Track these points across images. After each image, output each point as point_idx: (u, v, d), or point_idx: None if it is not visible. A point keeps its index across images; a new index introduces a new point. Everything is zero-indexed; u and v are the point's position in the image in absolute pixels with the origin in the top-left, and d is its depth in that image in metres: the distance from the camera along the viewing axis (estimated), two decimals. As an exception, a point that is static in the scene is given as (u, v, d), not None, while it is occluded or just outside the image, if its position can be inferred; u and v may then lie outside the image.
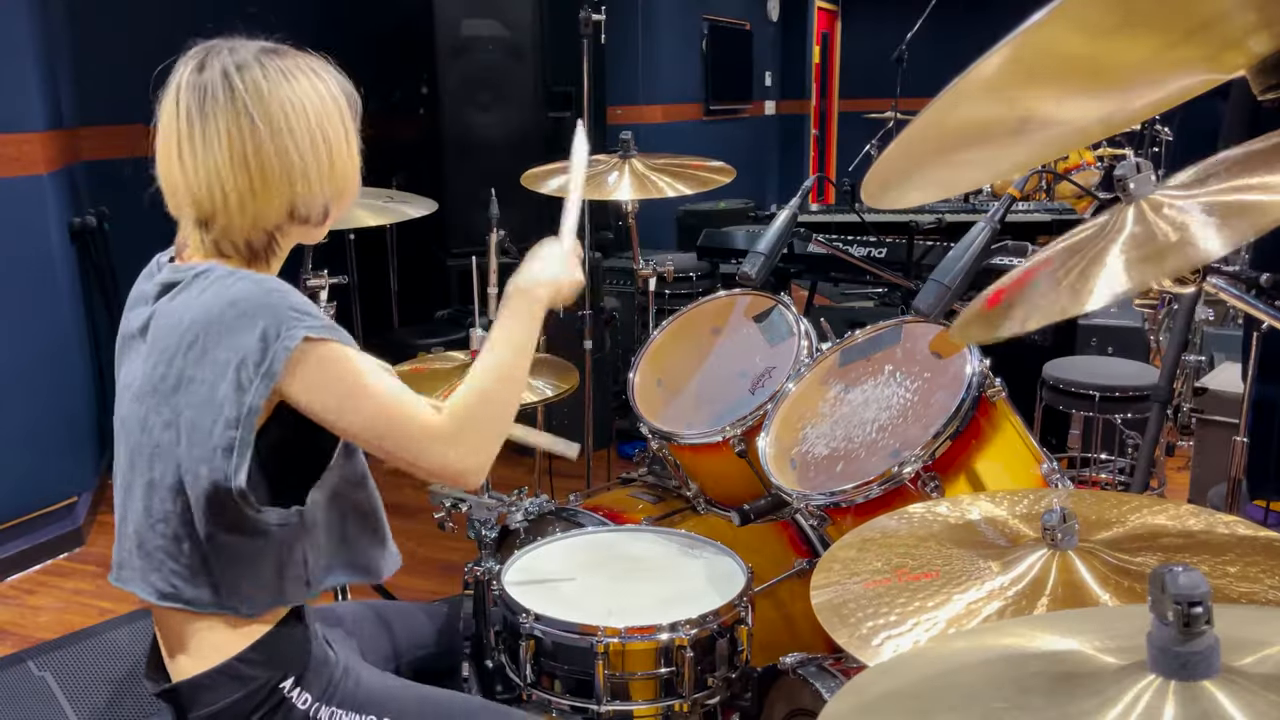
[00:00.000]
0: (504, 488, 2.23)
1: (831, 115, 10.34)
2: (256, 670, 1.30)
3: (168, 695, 1.34)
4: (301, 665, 1.33)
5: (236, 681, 1.29)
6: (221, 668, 1.29)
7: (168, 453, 1.25)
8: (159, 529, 1.27)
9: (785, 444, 1.84)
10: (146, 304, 1.31)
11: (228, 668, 1.29)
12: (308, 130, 1.26)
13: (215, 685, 1.29)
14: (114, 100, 3.93)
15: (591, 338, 3.08)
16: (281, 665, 1.31)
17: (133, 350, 1.32)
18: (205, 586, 1.28)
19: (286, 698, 1.31)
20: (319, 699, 1.33)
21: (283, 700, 1.31)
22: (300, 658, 1.33)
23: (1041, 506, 1.24)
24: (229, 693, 1.29)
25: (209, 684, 1.29)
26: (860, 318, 4.13)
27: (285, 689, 1.31)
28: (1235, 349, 3.44)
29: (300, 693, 1.32)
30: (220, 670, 1.29)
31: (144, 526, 1.28)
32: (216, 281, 1.24)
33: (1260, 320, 1.15)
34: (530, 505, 2.13)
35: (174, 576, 1.28)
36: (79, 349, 3.56)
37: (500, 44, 4.57)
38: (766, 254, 2.13)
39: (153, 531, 1.28)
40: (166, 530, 1.27)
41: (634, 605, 1.66)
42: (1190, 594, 0.61)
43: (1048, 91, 0.95)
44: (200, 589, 1.28)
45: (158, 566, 1.28)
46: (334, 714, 1.34)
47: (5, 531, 3.27)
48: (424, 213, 2.59)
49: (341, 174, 1.30)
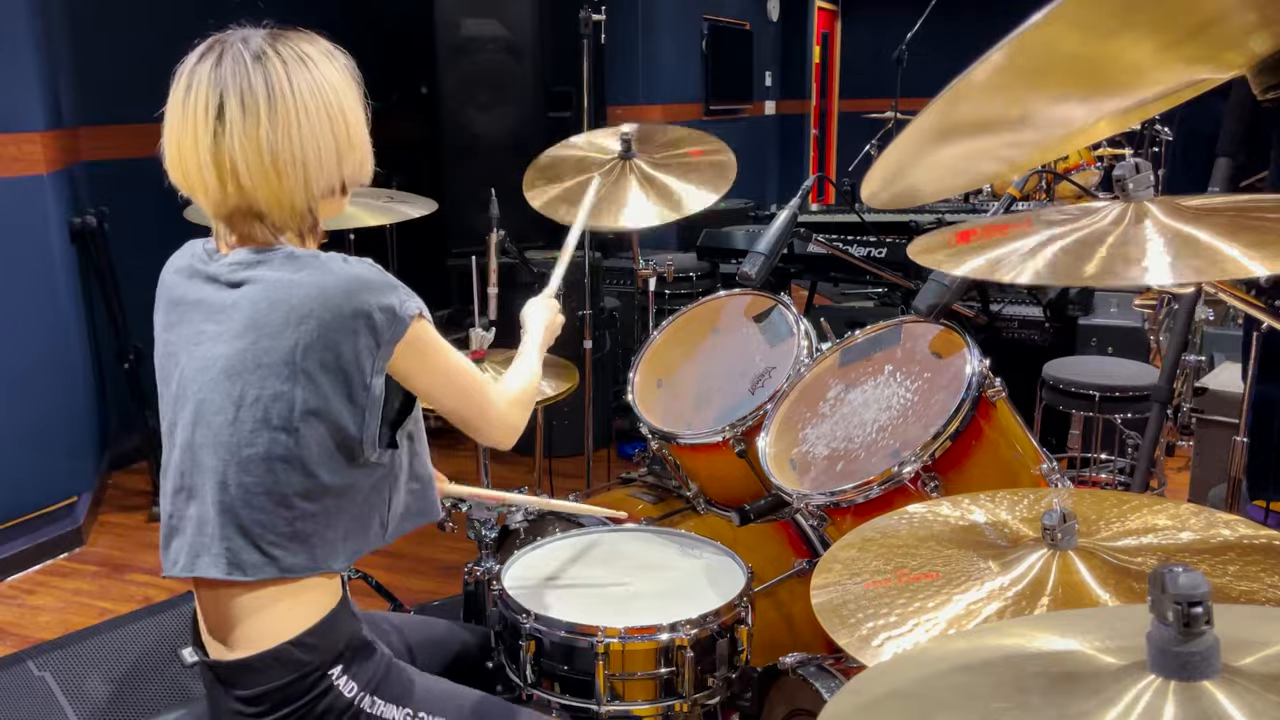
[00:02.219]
0: (504, 488, 2.23)
1: (831, 115, 10.34)
2: (309, 655, 1.31)
3: (214, 669, 1.35)
4: (351, 653, 1.35)
5: (288, 665, 1.31)
6: (275, 651, 1.31)
7: (277, 425, 1.28)
8: (258, 503, 1.29)
9: (785, 444, 1.84)
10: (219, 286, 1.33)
11: (281, 651, 1.31)
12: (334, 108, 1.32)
13: (266, 668, 1.31)
14: (114, 100, 3.93)
15: (591, 338, 3.08)
16: (332, 652, 1.33)
17: (206, 333, 1.32)
18: (302, 551, 1.31)
19: (335, 685, 1.33)
20: (364, 688, 1.35)
21: (330, 687, 1.33)
22: (350, 646, 1.36)
23: (1041, 506, 1.24)
24: (279, 676, 1.31)
25: (260, 666, 1.31)
26: (860, 318, 4.12)
27: (334, 676, 1.33)
28: (1235, 349, 3.44)
29: (347, 681, 1.34)
30: (273, 654, 1.31)
31: (238, 502, 1.30)
32: (311, 261, 1.30)
33: (1260, 320, 1.15)
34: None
35: (273, 547, 1.30)
36: (79, 349, 3.56)
37: (500, 44, 4.57)
38: (766, 254, 2.13)
39: (250, 506, 1.29)
40: (267, 503, 1.29)
41: (634, 605, 1.66)
42: (1190, 594, 0.61)
43: (1048, 91, 0.95)
44: (298, 554, 1.31)
45: (254, 540, 1.30)
46: (375, 704, 1.36)
47: (5, 531, 3.27)
48: (424, 213, 2.59)
49: (364, 144, 1.38)
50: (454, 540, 3.16)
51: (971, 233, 1.13)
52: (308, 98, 1.29)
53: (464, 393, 1.42)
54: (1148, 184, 1.05)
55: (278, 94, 1.27)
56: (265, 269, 1.30)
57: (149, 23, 4.07)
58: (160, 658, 2.51)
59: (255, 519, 1.30)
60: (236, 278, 1.31)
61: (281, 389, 1.27)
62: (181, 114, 1.29)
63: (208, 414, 1.31)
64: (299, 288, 1.28)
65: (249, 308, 1.29)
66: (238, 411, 1.29)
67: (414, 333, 1.32)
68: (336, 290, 1.27)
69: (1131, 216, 1.02)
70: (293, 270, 1.29)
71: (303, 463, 1.29)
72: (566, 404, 3.03)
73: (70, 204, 3.63)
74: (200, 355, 1.32)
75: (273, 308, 1.27)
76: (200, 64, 1.29)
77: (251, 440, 1.29)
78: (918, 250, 1.17)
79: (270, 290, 1.29)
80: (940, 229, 1.21)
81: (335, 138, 1.32)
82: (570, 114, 4.97)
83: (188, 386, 1.34)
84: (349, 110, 1.34)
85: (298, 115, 1.28)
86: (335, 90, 1.33)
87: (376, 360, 1.30)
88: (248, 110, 1.26)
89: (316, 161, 1.31)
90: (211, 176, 1.28)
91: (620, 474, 2.52)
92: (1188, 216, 0.98)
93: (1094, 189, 4.36)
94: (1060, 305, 3.54)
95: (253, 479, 1.29)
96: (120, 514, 3.71)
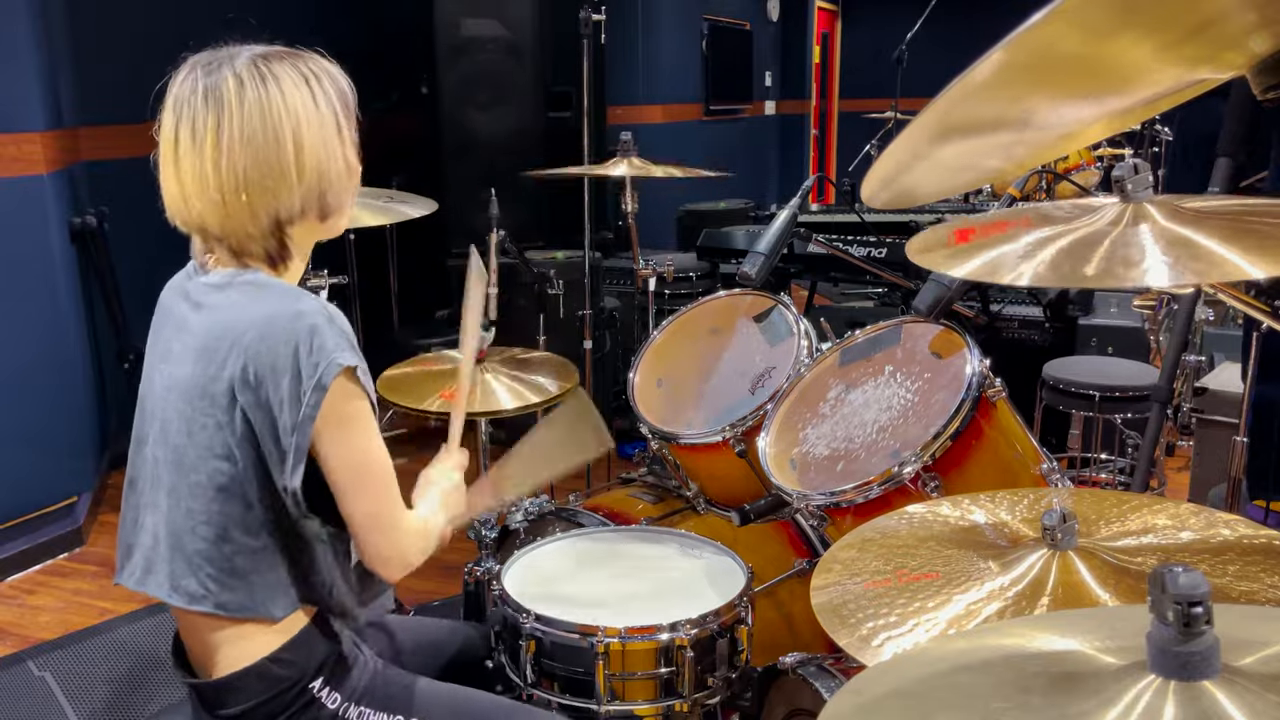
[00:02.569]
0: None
1: (831, 115, 10.34)
2: (286, 670, 1.30)
3: (196, 690, 1.34)
4: (331, 665, 1.34)
5: (266, 682, 1.29)
6: (251, 669, 1.29)
7: (220, 454, 1.26)
8: (200, 531, 1.27)
9: (785, 444, 1.84)
10: (190, 306, 1.32)
11: (258, 668, 1.29)
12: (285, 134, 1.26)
13: (244, 686, 1.30)
14: (114, 100, 3.92)
15: (591, 338, 3.08)
16: (311, 665, 1.32)
17: (173, 352, 1.32)
18: (240, 589, 1.28)
19: (316, 697, 1.32)
20: (348, 699, 1.34)
21: (312, 700, 1.32)
22: (330, 658, 1.34)
23: (1041, 506, 1.24)
24: (258, 693, 1.29)
25: (238, 685, 1.30)
26: (860, 318, 4.12)
27: (314, 689, 1.32)
28: (1235, 349, 3.44)
29: (330, 692, 1.33)
30: (249, 671, 1.29)
31: (183, 528, 1.28)
32: (269, 292, 1.27)
33: (1260, 320, 1.15)
34: (530, 505, 2.13)
35: (210, 581, 1.28)
36: (79, 349, 3.56)
37: (500, 44, 4.57)
38: (766, 254, 2.13)
39: (193, 534, 1.28)
40: (209, 532, 1.27)
41: (634, 605, 1.66)
42: (1190, 594, 0.61)
43: (1048, 91, 0.95)
44: (236, 591, 1.28)
45: (194, 570, 1.28)
46: (362, 713, 1.34)
47: (5, 531, 3.27)
48: (424, 213, 2.59)
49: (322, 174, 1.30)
50: (454, 540, 3.15)
51: (970, 231, 1.13)
52: (256, 123, 1.25)
53: (372, 491, 1.29)
54: (1147, 184, 1.05)
55: (225, 121, 1.24)
56: (225, 294, 1.29)
57: (148, 23, 4.07)
58: (160, 658, 2.51)
59: (196, 548, 1.28)
60: (203, 299, 1.30)
61: (223, 419, 1.26)
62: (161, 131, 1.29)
63: (169, 433, 1.30)
64: (244, 318, 1.26)
65: (204, 333, 1.28)
66: (188, 437, 1.28)
67: (340, 389, 1.24)
68: (277, 325, 1.24)
69: (1130, 217, 1.02)
70: (248, 299, 1.27)
71: (243, 494, 1.26)
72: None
73: (70, 204, 3.63)
74: (166, 373, 1.32)
75: (221, 337, 1.26)
76: (171, 83, 1.29)
77: (198, 465, 1.27)
78: (916, 249, 1.17)
79: (222, 318, 1.27)
80: (939, 226, 1.21)
81: (282, 164, 1.26)
82: (570, 114, 4.97)
83: (156, 403, 1.34)
84: (306, 136, 1.27)
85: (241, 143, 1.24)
86: (294, 115, 1.27)
87: (302, 410, 1.23)
88: (195, 136, 1.25)
89: (260, 189, 1.26)
90: (176, 196, 1.29)
91: (620, 474, 2.52)
92: (1186, 218, 0.98)
93: (1094, 189, 4.35)
94: (1060, 305, 3.54)
95: (198, 505, 1.27)
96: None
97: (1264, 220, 0.95)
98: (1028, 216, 1.11)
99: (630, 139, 2.59)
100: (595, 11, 3.01)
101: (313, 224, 1.33)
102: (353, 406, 1.27)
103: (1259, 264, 0.86)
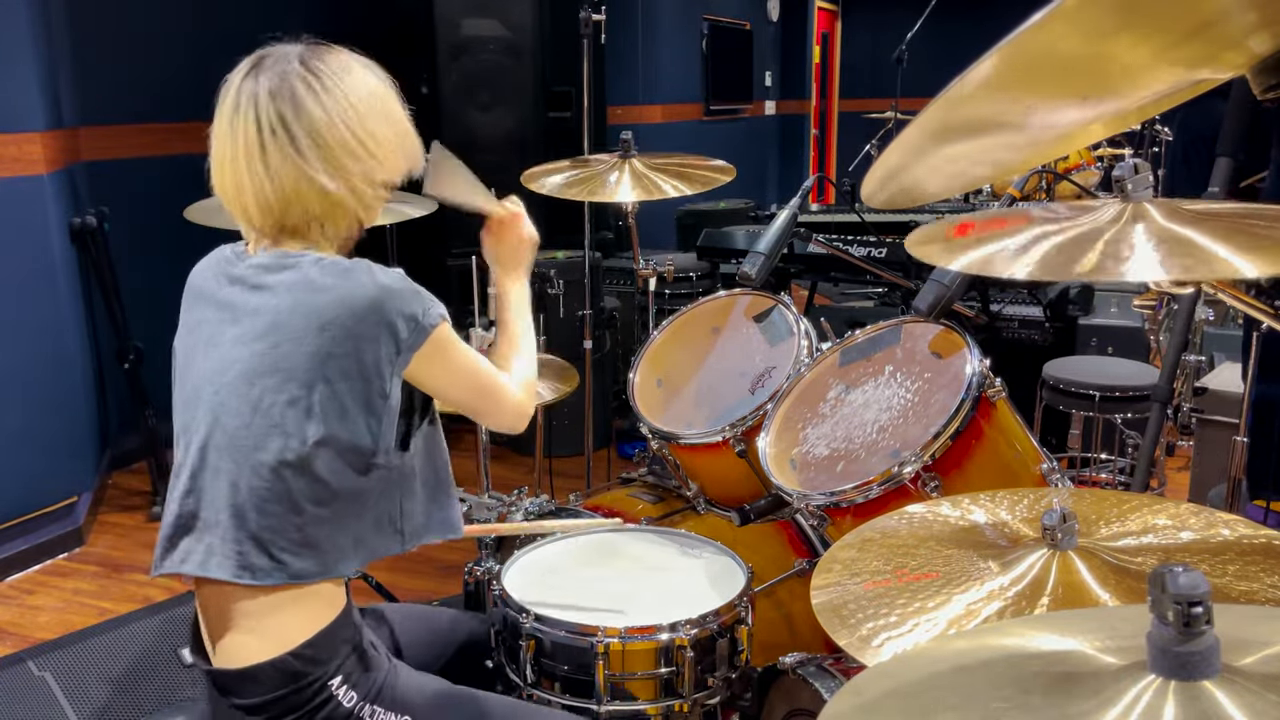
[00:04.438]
0: (504, 488, 2.24)
1: (831, 115, 10.34)
2: (308, 666, 1.31)
3: (213, 677, 1.35)
4: (351, 664, 1.35)
5: (287, 676, 1.31)
6: (274, 661, 1.30)
7: (292, 428, 1.28)
8: (270, 508, 1.29)
9: (785, 444, 1.84)
10: (243, 289, 1.33)
11: (280, 662, 1.30)
12: (381, 115, 1.35)
13: (266, 678, 1.31)
14: (114, 100, 3.93)
15: (591, 338, 3.08)
16: (332, 663, 1.33)
17: (226, 335, 1.33)
18: (312, 557, 1.31)
19: (335, 695, 1.33)
20: (364, 698, 1.35)
21: (330, 697, 1.33)
22: (350, 656, 1.35)
23: (1041, 506, 1.24)
24: (278, 686, 1.30)
25: (259, 676, 1.31)
26: (860, 318, 4.12)
27: (334, 686, 1.33)
28: (1235, 349, 3.44)
29: (347, 690, 1.34)
30: (272, 664, 1.30)
31: (249, 506, 1.30)
32: (338, 268, 1.31)
33: (1260, 320, 1.15)
34: (530, 505, 2.13)
35: (283, 553, 1.30)
36: (79, 349, 3.56)
37: (500, 44, 4.57)
38: (766, 254, 2.13)
39: (260, 512, 1.29)
40: (279, 508, 1.29)
41: (634, 605, 1.66)
42: (1190, 594, 0.61)
43: (1048, 92, 0.95)
44: (307, 560, 1.31)
45: (264, 546, 1.30)
46: (375, 713, 1.35)
47: (5, 531, 3.27)
48: (424, 213, 2.59)
49: (413, 145, 1.42)
50: (454, 540, 3.15)
51: (970, 225, 1.13)
52: (358, 109, 1.32)
53: (481, 390, 1.44)
54: (1146, 184, 1.05)
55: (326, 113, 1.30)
56: (291, 274, 1.31)
57: (148, 23, 4.07)
58: (160, 658, 2.51)
59: (265, 524, 1.30)
60: (261, 281, 1.32)
61: (298, 394, 1.28)
62: (230, 131, 1.31)
63: (223, 416, 1.31)
64: (324, 294, 1.29)
65: (271, 312, 1.30)
66: (253, 415, 1.29)
67: (435, 338, 1.34)
68: (362, 299, 1.29)
69: (1128, 217, 1.02)
70: (319, 276, 1.30)
71: (312, 469, 1.29)
72: (566, 404, 3.04)
73: (70, 204, 3.63)
74: (218, 357, 1.33)
75: (295, 313, 1.28)
76: (246, 81, 1.31)
77: (264, 444, 1.29)
78: (915, 242, 1.17)
79: (295, 295, 1.29)
80: (938, 221, 1.21)
81: (381, 146, 1.35)
82: (570, 114, 4.97)
83: (203, 388, 1.34)
84: (395, 109, 1.38)
85: (346, 132, 1.31)
86: (381, 97, 1.36)
87: (396, 366, 1.31)
88: (294, 133, 1.29)
89: (362, 176, 1.34)
90: (252, 196, 1.31)
91: (620, 474, 2.52)
92: (1185, 219, 0.98)
93: (1094, 189, 4.35)
94: (1060, 305, 3.54)
95: (264, 484, 1.29)
96: (120, 514, 3.71)
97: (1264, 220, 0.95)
98: (1027, 214, 1.11)
99: (630, 139, 2.59)
100: (595, 11, 3.01)
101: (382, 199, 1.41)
102: (448, 340, 1.37)
103: (1251, 261, 0.86)
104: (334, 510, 1.32)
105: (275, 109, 1.29)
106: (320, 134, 1.30)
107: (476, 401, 1.44)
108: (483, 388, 1.44)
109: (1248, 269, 0.85)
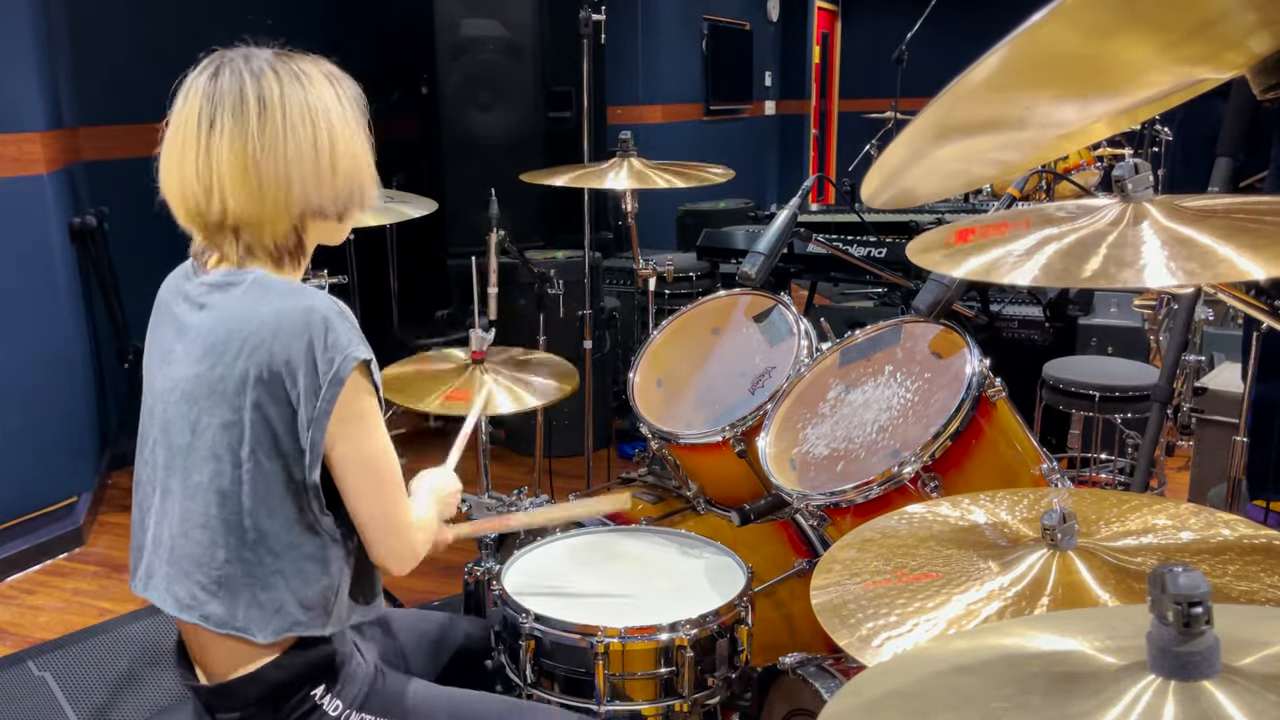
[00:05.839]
0: (504, 488, 2.24)
1: (831, 115, 10.34)
2: (288, 677, 1.30)
3: (196, 692, 1.34)
4: (333, 673, 1.33)
5: (268, 687, 1.29)
6: (253, 674, 1.29)
7: (222, 455, 1.25)
8: (195, 535, 1.27)
9: (785, 444, 1.84)
10: (191, 307, 1.31)
11: (259, 674, 1.29)
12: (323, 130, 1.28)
13: (245, 691, 1.29)
14: (114, 100, 3.93)
15: (591, 338, 3.08)
16: (312, 672, 1.31)
17: (175, 353, 1.31)
18: (226, 604, 1.27)
19: (318, 705, 1.32)
20: (349, 705, 1.34)
21: (314, 706, 1.31)
22: (331, 666, 1.33)
23: (1041, 506, 1.24)
24: (258, 697, 1.29)
25: (239, 690, 1.29)
26: (860, 318, 4.13)
27: (317, 695, 1.32)
28: (1235, 349, 3.44)
29: (331, 699, 1.33)
30: (251, 677, 1.29)
31: (179, 532, 1.28)
32: (277, 289, 1.27)
33: (1260, 320, 1.15)
34: (530, 505, 2.13)
35: (198, 589, 1.27)
36: (79, 349, 3.56)
37: (500, 44, 4.57)
38: (766, 254, 2.13)
39: (187, 538, 1.27)
40: (203, 537, 1.27)
41: (634, 605, 1.66)
42: (1190, 594, 0.61)
43: (1048, 91, 0.95)
44: (221, 605, 1.27)
45: (186, 575, 1.28)
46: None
47: (5, 531, 3.27)
48: (424, 213, 2.59)
49: (351, 172, 1.33)
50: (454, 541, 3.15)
51: (970, 231, 1.13)
52: (297, 117, 1.27)
53: (386, 491, 1.31)
54: (1147, 184, 1.04)
55: (268, 108, 1.25)
56: (231, 293, 1.28)
57: (148, 23, 4.07)
58: (160, 658, 2.51)
59: (188, 552, 1.28)
60: (206, 300, 1.30)
61: (231, 419, 1.25)
62: (176, 124, 1.28)
63: (170, 435, 1.30)
64: (255, 316, 1.25)
65: (209, 333, 1.27)
66: (192, 437, 1.27)
67: (355, 383, 1.25)
68: (291, 320, 1.24)
69: (1130, 217, 1.02)
70: (255, 298, 1.27)
71: (242, 501, 1.25)
72: (566, 404, 3.03)
73: (70, 204, 3.63)
74: (168, 374, 1.32)
75: (230, 335, 1.25)
76: (198, 77, 1.28)
77: (200, 467, 1.27)
78: (916, 249, 1.17)
79: (230, 316, 1.27)
80: (939, 228, 1.21)
81: (319, 160, 1.28)
82: (570, 114, 4.97)
83: (155, 405, 1.33)
84: (339, 135, 1.30)
85: (285, 132, 1.26)
86: (328, 113, 1.29)
87: (318, 404, 1.24)
88: (237, 122, 1.25)
89: (300, 181, 1.27)
90: (195, 186, 1.26)
91: (620, 474, 2.52)
92: (1186, 218, 0.98)
93: (1094, 189, 4.35)
94: (1060, 305, 3.54)
95: (196, 507, 1.27)
96: (120, 514, 3.71)
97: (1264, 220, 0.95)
98: (1028, 218, 1.11)
99: (630, 138, 2.59)
100: (595, 11, 3.01)
101: (331, 224, 1.35)
102: (366, 403, 1.28)
103: (1256, 262, 0.86)
104: (258, 555, 1.26)
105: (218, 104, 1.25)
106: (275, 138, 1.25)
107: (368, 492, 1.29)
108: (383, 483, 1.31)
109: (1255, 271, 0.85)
